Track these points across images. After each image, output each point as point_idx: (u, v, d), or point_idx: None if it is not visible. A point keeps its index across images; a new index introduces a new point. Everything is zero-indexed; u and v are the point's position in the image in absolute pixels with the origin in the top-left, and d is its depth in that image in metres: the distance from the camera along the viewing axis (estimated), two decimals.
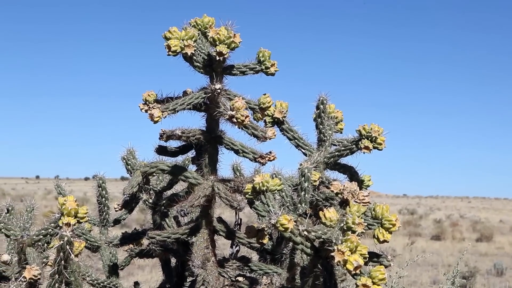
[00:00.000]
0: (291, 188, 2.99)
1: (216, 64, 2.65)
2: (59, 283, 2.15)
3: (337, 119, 3.27)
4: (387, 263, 2.40)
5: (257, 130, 2.76)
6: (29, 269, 2.21)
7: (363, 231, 2.22)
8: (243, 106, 2.55)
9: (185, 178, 2.81)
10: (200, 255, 2.75)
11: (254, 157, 2.82)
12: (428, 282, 14.54)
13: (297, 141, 3.15)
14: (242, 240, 2.98)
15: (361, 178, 3.14)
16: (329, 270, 2.31)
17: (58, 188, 3.61)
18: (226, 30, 2.57)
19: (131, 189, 2.78)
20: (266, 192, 2.49)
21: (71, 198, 2.35)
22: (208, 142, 2.82)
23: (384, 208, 2.41)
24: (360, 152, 2.99)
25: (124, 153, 3.32)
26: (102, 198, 3.49)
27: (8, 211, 3.06)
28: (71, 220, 2.28)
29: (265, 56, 2.73)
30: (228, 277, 2.87)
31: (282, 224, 2.23)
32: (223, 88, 2.66)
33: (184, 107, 2.67)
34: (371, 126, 2.91)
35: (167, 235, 2.84)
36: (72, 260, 2.15)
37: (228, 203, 2.67)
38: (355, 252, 2.12)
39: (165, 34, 2.61)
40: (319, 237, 2.25)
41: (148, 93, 2.76)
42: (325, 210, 2.28)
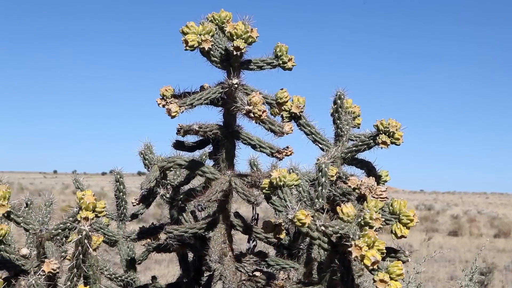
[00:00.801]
0: (308, 183, 2.98)
1: (233, 59, 2.64)
2: (78, 277, 2.16)
3: (354, 114, 3.26)
4: (404, 259, 2.39)
5: (274, 125, 2.76)
6: (48, 263, 2.22)
7: (380, 226, 2.21)
8: (260, 101, 2.55)
9: (202, 173, 2.82)
10: (217, 250, 2.76)
11: (271, 152, 2.81)
12: (446, 278, 14.49)
13: (314, 136, 3.14)
14: (259, 235, 2.98)
15: (378, 173, 3.13)
16: (347, 265, 2.30)
17: (76, 182, 3.63)
18: (243, 24, 2.57)
19: (149, 183, 2.78)
20: (283, 187, 2.49)
21: (89, 192, 2.36)
22: (225, 137, 2.82)
23: (401, 203, 2.40)
24: (377, 147, 2.98)
25: (142, 148, 3.33)
26: (120, 193, 3.50)
27: (27, 205, 3.08)
28: (89, 215, 2.29)
29: (282, 51, 2.72)
30: (245, 272, 2.87)
31: (300, 219, 2.23)
32: (240, 83, 2.66)
33: (201, 102, 2.68)
34: (388, 121, 2.90)
35: (184, 229, 2.84)
36: (90, 254, 2.16)
37: (245, 198, 2.67)
38: (372, 247, 2.11)
39: (183, 29, 2.61)
40: (337, 232, 2.24)
41: (166, 88, 2.77)
42: (343, 205, 2.28)
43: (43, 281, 2.16)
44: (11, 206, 2.36)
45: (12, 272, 2.63)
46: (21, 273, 2.53)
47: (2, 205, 2.32)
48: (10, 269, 2.62)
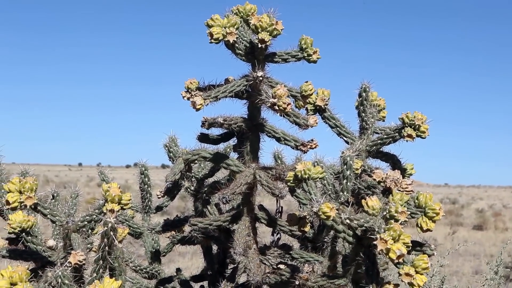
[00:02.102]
0: (332, 176, 2.98)
1: (258, 51, 2.64)
2: (103, 269, 2.18)
3: (379, 107, 3.24)
4: (430, 252, 2.38)
5: (299, 117, 2.75)
6: (74, 254, 2.24)
7: (406, 219, 2.20)
8: (285, 94, 2.54)
9: (227, 165, 2.82)
10: (242, 243, 2.76)
11: (296, 145, 2.81)
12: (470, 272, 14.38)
13: (339, 129, 3.13)
14: (284, 228, 2.98)
15: (403, 167, 3.11)
16: (372, 258, 2.29)
17: (102, 175, 3.66)
18: (268, 17, 2.56)
19: (174, 176, 2.79)
20: (308, 180, 2.48)
21: (114, 185, 2.38)
22: (250, 129, 2.82)
23: (427, 196, 2.38)
24: (402, 140, 2.96)
25: (166, 141, 3.35)
26: (145, 185, 3.52)
27: (53, 197, 3.11)
28: (115, 207, 2.30)
29: (307, 43, 2.71)
30: (269, 264, 2.88)
31: (324, 212, 2.22)
32: (265, 75, 2.66)
33: (226, 94, 2.68)
34: (414, 114, 2.87)
35: (209, 222, 2.85)
36: (116, 246, 2.17)
37: (269, 191, 2.67)
38: (398, 240, 2.11)
39: (208, 22, 2.61)
40: (362, 226, 2.24)
41: (191, 80, 2.77)
42: (368, 199, 2.27)
43: (70, 273, 2.18)
44: (38, 198, 2.38)
45: (39, 263, 2.66)
46: (48, 264, 2.56)
47: (29, 197, 2.34)
48: (37, 260, 2.65)
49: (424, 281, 2.18)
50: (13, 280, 2.08)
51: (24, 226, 2.50)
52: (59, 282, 2.11)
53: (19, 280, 2.08)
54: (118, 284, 2.00)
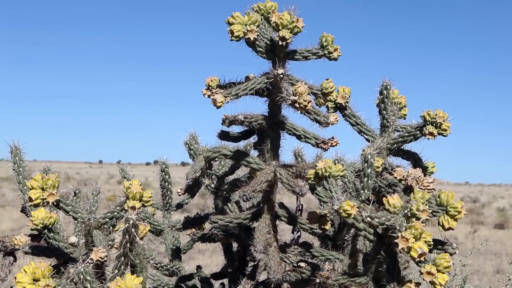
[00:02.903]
0: (353, 174, 2.96)
1: (278, 49, 2.64)
2: (125, 265, 2.19)
3: (400, 104, 3.22)
4: (452, 251, 2.36)
5: (320, 115, 2.74)
6: (96, 251, 2.25)
7: (427, 218, 2.19)
8: (305, 91, 2.54)
9: (247, 163, 2.82)
10: (262, 240, 2.76)
11: (317, 143, 2.80)
12: (492, 271, 14.26)
13: (360, 126, 3.12)
14: (304, 226, 2.97)
15: (424, 165, 3.10)
16: (393, 257, 2.28)
17: (123, 172, 3.67)
18: (289, 14, 2.56)
19: (194, 173, 2.80)
20: (328, 177, 2.47)
21: (136, 182, 2.39)
22: (270, 127, 2.81)
23: (449, 195, 2.37)
24: (423, 138, 2.95)
25: (187, 138, 3.35)
26: (165, 183, 3.53)
27: (75, 194, 3.14)
28: (136, 204, 2.31)
29: (328, 41, 2.70)
30: (289, 262, 2.87)
31: (345, 210, 2.22)
32: (285, 73, 2.65)
33: (246, 92, 2.67)
34: (435, 112, 2.86)
35: (229, 219, 2.85)
36: (137, 243, 2.18)
37: (290, 189, 2.66)
38: (419, 239, 2.09)
39: (228, 19, 2.61)
40: (383, 224, 2.22)
41: (211, 78, 2.78)
42: (389, 197, 2.26)
43: (91, 269, 2.19)
44: (60, 195, 2.40)
45: (61, 260, 2.68)
46: (70, 260, 2.58)
47: (51, 194, 2.36)
48: (59, 257, 2.67)
49: (445, 280, 2.17)
50: (36, 276, 2.10)
51: (46, 222, 2.53)
52: (81, 279, 2.13)
53: (41, 276, 2.10)
54: (139, 281, 2.01)
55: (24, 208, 3.42)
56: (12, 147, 3.34)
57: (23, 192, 3.32)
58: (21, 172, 3.32)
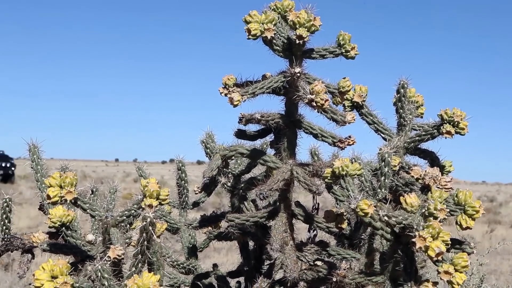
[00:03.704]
0: (370, 173, 2.96)
1: (295, 47, 2.63)
2: (142, 263, 2.19)
3: (417, 103, 3.21)
4: (469, 250, 2.35)
5: (336, 114, 2.74)
6: (113, 249, 2.26)
7: (445, 217, 2.18)
8: (322, 90, 2.54)
9: (264, 161, 2.82)
10: (279, 239, 2.76)
11: (333, 141, 2.80)
12: (509, 271, 14.16)
13: (377, 125, 3.11)
14: (321, 225, 2.97)
15: (442, 164, 3.08)
16: (410, 256, 2.27)
17: (139, 170, 3.68)
18: (306, 13, 2.55)
19: (211, 172, 2.80)
20: (345, 176, 2.47)
21: (153, 180, 2.39)
22: (287, 126, 2.81)
23: (467, 194, 2.36)
24: (441, 137, 2.93)
25: (203, 137, 3.36)
26: (182, 181, 3.54)
27: (92, 192, 3.15)
28: (153, 202, 2.32)
29: (345, 40, 2.70)
30: (306, 261, 2.87)
31: (362, 209, 2.21)
32: (302, 71, 2.65)
33: (263, 90, 2.68)
34: (453, 110, 2.84)
35: (245, 218, 2.85)
36: (154, 241, 2.19)
37: (307, 187, 2.66)
38: (437, 238, 2.09)
39: (245, 18, 2.61)
40: (400, 223, 2.22)
41: (228, 77, 2.78)
42: (406, 196, 2.25)
43: (109, 267, 2.20)
44: (78, 193, 2.41)
45: (78, 257, 2.69)
46: (87, 258, 2.59)
47: (69, 191, 2.37)
48: (77, 254, 2.69)
49: (463, 280, 2.16)
50: (54, 274, 2.11)
51: (64, 220, 2.54)
52: (99, 276, 2.14)
53: (59, 274, 2.11)
54: (156, 279, 2.02)
55: (42, 206, 3.44)
56: (30, 145, 3.36)
57: (41, 190, 3.34)
58: (39, 170, 3.34)
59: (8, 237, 3.18)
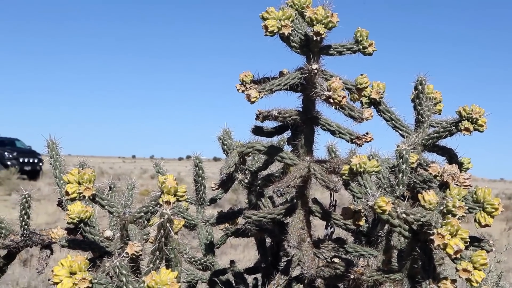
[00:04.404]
0: (388, 170, 2.95)
1: (313, 44, 2.63)
2: (160, 260, 2.20)
3: (435, 100, 3.19)
4: (488, 248, 2.33)
5: (354, 111, 2.73)
6: (131, 245, 2.27)
7: (463, 214, 2.17)
8: (340, 87, 2.53)
9: (281, 158, 2.82)
10: (296, 236, 2.76)
11: (351, 138, 2.79)
12: None
13: (394, 122, 3.10)
14: (338, 222, 2.96)
15: (460, 161, 3.06)
16: (428, 253, 2.26)
17: (157, 167, 3.69)
18: (323, 9, 2.54)
19: (228, 168, 2.81)
20: (363, 173, 2.46)
21: (170, 176, 2.40)
22: (304, 122, 2.81)
23: (486, 191, 2.34)
24: (459, 134, 2.91)
25: (221, 133, 3.36)
26: (199, 178, 3.55)
27: (110, 188, 3.17)
28: (171, 199, 2.32)
29: (362, 36, 2.68)
30: (323, 258, 2.87)
31: (380, 206, 2.21)
32: (320, 68, 2.64)
33: (280, 87, 2.67)
34: (472, 107, 2.82)
35: (263, 215, 2.85)
36: (172, 238, 2.19)
37: (324, 184, 2.65)
38: (455, 236, 2.07)
39: (263, 15, 2.60)
40: (418, 220, 2.21)
41: (245, 73, 2.78)
42: (424, 193, 2.24)
43: (127, 263, 2.21)
44: (96, 189, 2.43)
45: (96, 253, 2.71)
46: (105, 254, 2.60)
47: (88, 188, 2.38)
48: (95, 250, 2.70)
49: (482, 277, 2.15)
50: (73, 270, 2.12)
51: (82, 216, 2.55)
52: (117, 272, 2.15)
53: (78, 270, 2.12)
54: (174, 275, 2.03)
55: (60, 202, 3.46)
56: (49, 141, 3.38)
57: (59, 186, 3.36)
58: (57, 166, 3.36)
59: (27, 233, 3.20)
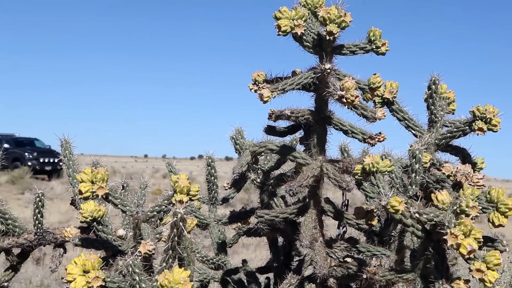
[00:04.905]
0: (400, 169, 2.94)
1: (325, 43, 2.62)
2: (173, 259, 2.21)
3: (449, 99, 3.18)
4: (502, 248, 2.32)
5: (367, 110, 2.72)
6: (144, 244, 2.28)
7: (477, 214, 2.16)
8: (353, 86, 2.52)
9: (294, 158, 2.82)
10: (308, 235, 2.76)
11: (364, 138, 2.78)
12: None
13: (407, 122, 3.09)
14: (350, 221, 2.96)
15: (473, 161, 3.05)
16: (441, 253, 2.26)
17: (169, 166, 3.70)
18: (336, 9, 2.54)
19: (241, 168, 2.81)
20: (376, 173, 2.46)
21: (183, 176, 2.40)
22: (317, 122, 2.80)
23: (499, 191, 2.33)
24: (472, 134, 2.90)
25: (233, 133, 3.36)
26: (211, 177, 3.55)
27: (123, 187, 3.18)
28: (183, 198, 2.33)
29: (376, 35, 2.68)
30: (336, 257, 2.86)
31: (393, 206, 2.20)
32: (332, 68, 2.64)
33: (293, 87, 2.67)
34: (485, 107, 2.81)
35: (275, 214, 2.85)
36: (185, 237, 2.20)
37: (337, 184, 2.65)
38: (469, 236, 2.07)
39: (275, 14, 2.60)
40: (431, 220, 2.20)
41: (258, 73, 2.78)
42: (438, 193, 2.23)
43: (140, 262, 2.21)
44: (110, 188, 2.43)
45: (109, 252, 2.72)
46: (118, 253, 2.61)
47: (101, 187, 2.39)
48: (108, 249, 2.71)
49: (495, 278, 2.14)
50: (86, 268, 2.13)
51: (95, 215, 2.56)
52: (130, 271, 2.15)
53: (91, 268, 2.13)
54: (187, 274, 2.03)
55: (73, 201, 3.48)
56: (62, 140, 3.39)
57: (72, 185, 3.37)
58: (70, 165, 3.38)
59: (41, 231, 3.22)
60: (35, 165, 34.06)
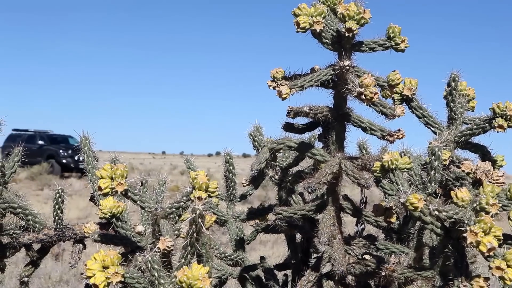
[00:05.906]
0: (419, 167, 2.93)
1: (345, 40, 2.62)
2: (191, 255, 2.21)
3: (468, 97, 3.16)
4: None
5: (386, 107, 2.71)
6: (163, 240, 2.29)
7: (497, 212, 2.14)
8: (372, 83, 2.51)
9: (312, 155, 2.81)
10: (327, 232, 2.75)
11: (382, 135, 2.77)
12: None
13: (427, 119, 3.07)
14: (369, 218, 2.95)
15: (493, 158, 3.03)
16: (460, 251, 2.25)
17: (188, 163, 3.71)
18: (355, 6, 2.53)
19: (259, 165, 2.81)
20: (395, 170, 2.45)
21: (202, 172, 2.41)
22: (335, 119, 2.80)
23: None
24: (492, 131, 2.89)
25: (251, 130, 3.36)
26: (230, 174, 3.56)
27: (142, 184, 3.19)
28: (202, 194, 2.34)
29: (395, 32, 2.67)
30: (354, 255, 2.86)
31: (412, 203, 2.19)
32: (351, 64, 2.63)
33: (312, 84, 2.67)
34: (506, 104, 2.79)
35: (293, 211, 2.85)
36: (203, 233, 2.20)
37: (355, 181, 2.64)
38: (488, 233, 2.05)
39: (294, 11, 2.60)
40: (451, 217, 2.19)
41: (276, 70, 2.77)
42: (457, 190, 2.22)
43: (159, 258, 2.22)
44: (129, 184, 2.45)
45: (128, 248, 2.74)
46: (137, 249, 2.63)
47: (120, 183, 2.40)
48: (127, 245, 2.73)
49: None
50: (105, 264, 2.14)
51: (114, 211, 2.58)
52: (149, 267, 2.16)
53: (111, 264, 2.14)
54: (205, 270, 2.03)
55: (92, 197, 3.50)
56: (82, 137, 3.42)
57: (92, 181, 3.39)
58: (90, 162, 3.40)
59: (60, 227, 3.25)
60: (69, 163, 34.19)
